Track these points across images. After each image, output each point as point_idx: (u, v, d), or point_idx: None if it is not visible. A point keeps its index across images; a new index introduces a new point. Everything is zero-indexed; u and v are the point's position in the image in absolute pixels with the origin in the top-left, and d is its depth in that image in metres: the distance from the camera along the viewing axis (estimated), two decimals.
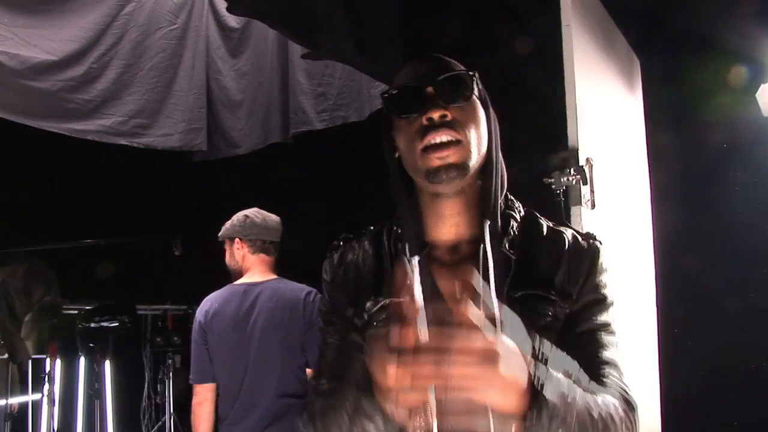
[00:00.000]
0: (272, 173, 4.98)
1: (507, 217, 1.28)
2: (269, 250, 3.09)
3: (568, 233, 1.30)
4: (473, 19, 3.56)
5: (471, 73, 1.26)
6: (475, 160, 1.22)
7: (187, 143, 4.40)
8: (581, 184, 2.22)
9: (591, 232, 1.34)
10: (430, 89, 1.21)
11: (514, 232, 1.27)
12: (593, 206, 2.28)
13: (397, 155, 1.28)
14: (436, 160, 1.19)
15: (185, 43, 4.32)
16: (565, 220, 1.98)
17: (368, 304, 1.25)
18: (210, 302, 3.06)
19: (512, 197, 1.34)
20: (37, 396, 4.50)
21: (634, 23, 3.11)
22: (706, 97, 3.25)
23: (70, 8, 3.70)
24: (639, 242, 2.97)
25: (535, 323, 1.15)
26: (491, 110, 1.30)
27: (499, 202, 1.27)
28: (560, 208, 2.22)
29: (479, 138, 1.24)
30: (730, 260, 3.19)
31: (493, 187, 1.26)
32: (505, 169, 1.31)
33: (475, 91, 1.26)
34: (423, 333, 1.05)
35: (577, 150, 2.23)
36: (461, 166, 1.20)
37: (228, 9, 3.43)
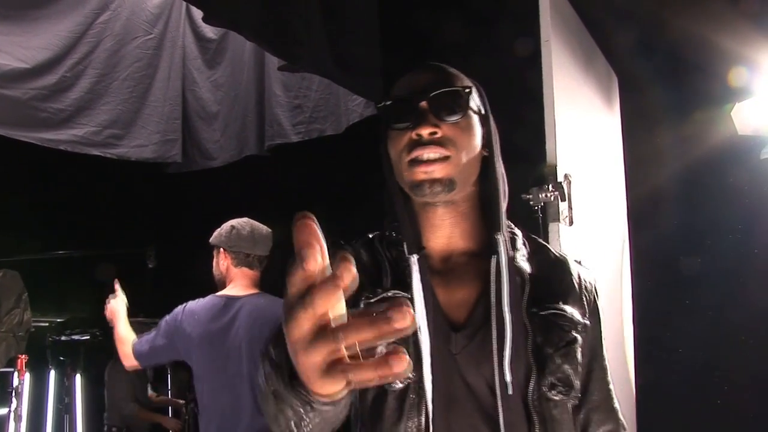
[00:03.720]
0: (248, 184, 4.95)
1: (511, 234, 1.29)
2: (253, 264, 3.01)
3: (571, 261, 1.32)
4: (451, 35, 3.56)
5: (467, 88, 1.24)
6: (464, 175, 1.22)
7: (161, 155, 4.34)
8: (559, 200, 2.21)
9: (583, 262, 1.35)
10: (423, 104, 1.20)
11: (522, 248, 1.28)
12: (571, 222, 2.27)
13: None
14: (422, 174, 1.18)
15: (161, 54, 4.27)
16: (542, 236, 2.00)
17: (367, 295, 1.20)
18: (192, 303, 2.98)
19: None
20: (3, 411, 4.40)
21: (612, 40, 3.12)
22: (683, 114, 3.28)
23: (44, 15, 3.63)
24: (616, 258, 2.97)
25: (562, 340, 1.18)
26: (491, 123, 1.29)
27: (504, 215, 1.26)
28: (538, 224, 2.21)
29: (469, 154, 1.22)
30: (705, 275, 3.22)
31: (499, 200, 1.25)
32: (506, 183, 1.30)
33: (472, 106, 1.24)
34: (421, 331, 1.13)
35: (556, 166, 2.22)
36: (446, 182, 1.19)
37: (204, 19, 3.40)
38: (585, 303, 1.26)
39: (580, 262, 1.34)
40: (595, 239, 2.63)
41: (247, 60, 4.47)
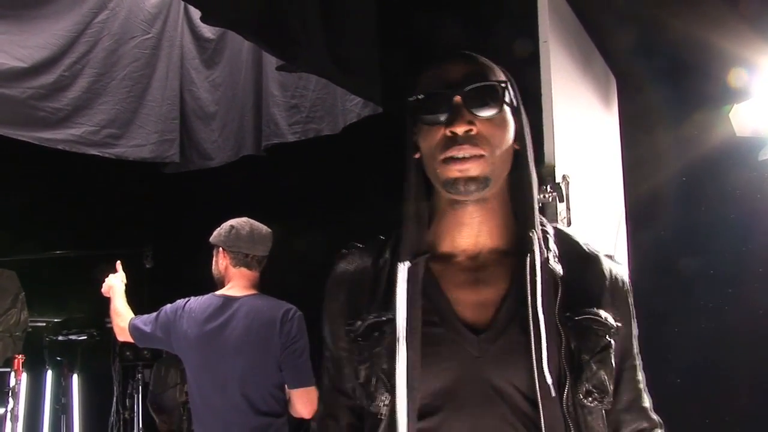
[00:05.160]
0: (245, 184, 4.94)
1: (543, 233, 1.22)
2: (252, 265, 3.00)
3: (603, 257, 1.28)
4: (450, 36, 3.56)
5: (503, 83, 1.19)
6: (497, 173, 1.17)
7: (159, 154, 4.33)
8: (557, 201, 2.21)
9: (615, 257, 1.32)
10: (457, 99, 1.14)
11: (554, 248, 1.22)
12: (569, 223, 2.27)
13: (417, 156, 1.22)
14: (456, 171, 1.13)
15: (159, 53, 4.26)
16: None
17: (358, 323, 1.21)
18: (193, 301, 3.00)
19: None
20: None
21: (611, 41, 3.12)
22: (681, 115, 3.28)
23: (42, 15, 3.62)
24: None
25: (598, 345, 1.16)
26: (524, 117, 1.24)
27: (537, 211, 1.21)
28: None
29: (504, 149, 1.18)
30: (703, 276, 3.21)
31: (531, 196, 1.21)
32: (536, 179, 1.25)
33: (507, 100, 1.19)
34: (402, 345, 1.11)
35: (554, 167, 2.22)
36: (481, 180, 1.14)
37: (202, 19, 3.39)
38: (618, 302, 1.24)
39: (612, 257, 1.31)
40: (593, 240, 2.63)
41: (245, 60, 4.46)
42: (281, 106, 4.39)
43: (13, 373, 4.36)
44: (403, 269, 1.16)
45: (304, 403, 2.84)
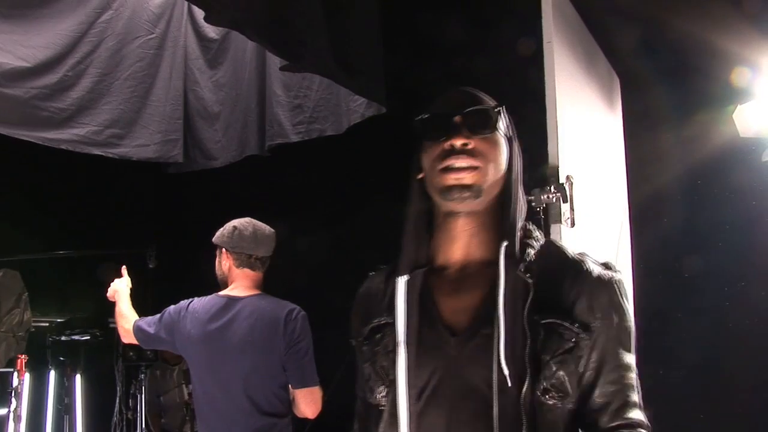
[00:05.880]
0: (249, 184, 4.94)
1: (523, 245, 1.36)
2: (255, 266, 3.00)
3: (589, 262, 1.35)
4: (454, 36, 3.56)
5: (497, 109, 1.37)
6: (489, 185, 1.33)
7: (163, 154, 4.33)
8: (561, 201, 2.21)
9: (610, 263, 1.38)
10: (457, 118, 1.33)
11: (531, 258, 1.34)
12: (573, 224, 2.27)
13: (420, 177, 1.39)
14: (453, 179, 1.30)
15: (163, 53, 4.26)
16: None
17: (365, 328, 1.42)
18: (197, 301, 3.00)
19: (532, 227, 1.42)
20: (2, 411, 4.39)
21: (614, 41, 3.12)
22: (685, 116, 3.28)
23: (46, 14, 3.62)
24: (618, 259, 2.96)
25: (559, 346, 1.25)
26: (516, 145, 1.41)
27: (518, 229, 1.36)
28: (540, 225, 2.20)
29: (496, 167, 1.35)
30: (707, 277, 3.21)
31: (511, 214, 1.35)
32: (524, 202, 1.42)
33: (500, 126, 1.38)
34: (402, 347, 1.30)
35: (558, 167, 2.22)
36: (474, 188, 1.30)
37: (206, 19, 3.39)
38: (598, 306, 1.30)
39: (606, 264, 1.38)
40: (597, 241, 2.63)
41: (249, 60, 4.46)
42: (285, 106, 4.38)
43: (16, 373, 4.36)
44: (401, 282, 1.35)
45: (307, 403, 2.85)
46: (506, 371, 1.21)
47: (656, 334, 3.12)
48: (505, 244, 1.31)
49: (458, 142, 1.31)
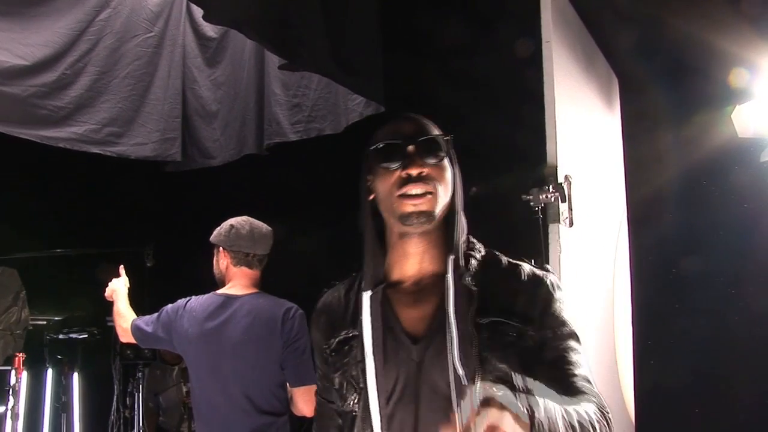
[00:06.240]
0: (247, 183, 4.93)
1: (467, 256, 1.49)
2: (252, 264, 3.00)
3: (525, 267, 1.50)
4: (452, 35, 3.55)
5: (446, 137, 1.49)
6: (440, 208, 1.45)
7: (161, 153, 4.33)
8: (559, 201, 2.21)
9: (546, 266, 1.53)
10: (411, 148, 1.44)
11: (474, 268, 1.47)
12: (571, 224, 2.27)
13: (371, 198, 1.51)
14: (410, 206, 1.42)
15: (161, 52, 4.26)
16: (542, 237, 2.05)
17: (331, 341, 1.54)
18: (194, 300, 3.00)
19: (474, 240, 1.55)
20: (0, 409, 4.38)
21: (613, 41, 3.12)
22: (683, 116, 3.28)
23: (44, 13, 3.62)
24: (616, 259, 2.96)
25: (500, 342, 1.38)
26: (456, 168, 1.53)
27: (461, 243, 1.49)
28: (538, 225, 2.20)
29: (446, 191, 1.47)
30: (705, 278, 3.21)
31: (456, 231, 1.48)
32: (464, 218, 1.53)
33: (448, 151, 1.49)
34: (369, 356, 1.42)
35: (556, 167, 2.22)
36: (430, 214, 1.43)
37: (204, 17, 3.39)
38: (534, 301, 1.44)
39: (543, 267, 1.52)
40: (595, 241, 2.63)
41: (247, 59, 4.46)
42: (283, 105, 4.38)
43: (13, 371, 4.35)
44: (366, 297, 1.47)
45: (305, 401, 2.84)
46: (460, 371, 1.33)
47: (653, 335, 3.12)
48: (452, 258, 1.43)
49: (414, 172, 1.42)
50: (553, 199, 2.20)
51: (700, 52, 3.13)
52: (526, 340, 1.39)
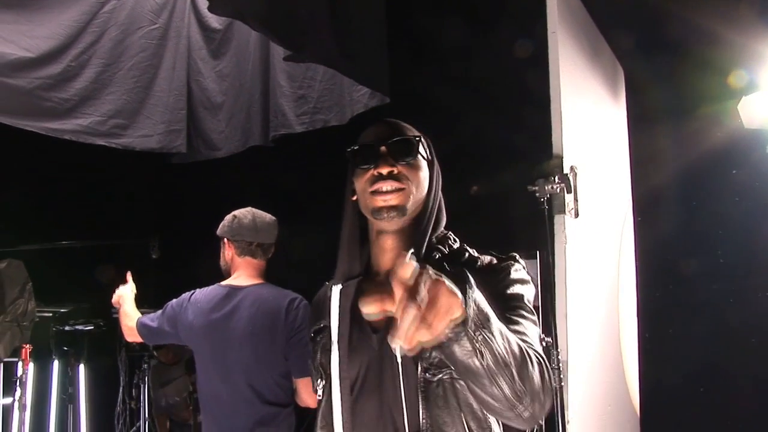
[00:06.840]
0: (252, 174, 4.94)
1: (433, 249, 1.59)
2: (257, 253, 3.00)
3: (485, 258, 1.59)
4: (459, 28, 3.54)
5: (417, 138, 1.61)
6: (412, 205, 1.57)
7: (166, 145, 4.32)
8: (565, 192, 2.20)
9: (512, 254, 1.60)
10: (383, 148, 1.57)
11: (434, 261, 1.56)
12: (577, 215, 2.26)
13: (354, 199, 1.62)
14: (380, 201, 1.54)
15: (166, 44, 4.25)
16: (548, 228, 2.07)
17: (311, 330, 1.68)
18: (199, 292, 3.01)
19: (451, 235, 1.65)
20: (7, 401, 4.41)
21: (618, 32, 3.11)
22: (689, 107, 3.27)
23: (48, 5, 3.61)
24: (621, 251, 2.96)
25: None
26: (435, 167, 1.65)
27: (430, 237, 1.59)
28: (544, 216, 2.20)
29: (419, 188, 1.58)
30: (712, 268, 3.20)
31: (423, 227, 1.58)
32: (444, 214, 1.65)
33: (421, 152, 1.61)
34: (335, 346, 1.54)
35: (562, 158, 2.21)
36: (400, 208, 1.54)
37: (209, 8, 3.38)
38: (487, 287, 1.41)
39: (513, 257, 1.58)
40: (600, 232, 2.62)
41: (252, 50, 4.44)
42: (288, 96, 4.37)
43: (20, 363, 4.37)
44: (335, 290, 1.60)
45: (309, 392, 2.84)
46: (399, 359, 1.44)
47: (660, 327, 3.12)
48: (411, 251, 1.43)
49: (384, 170, 1.54)
50: (558, 190, 2.20)
51: (707, 44, 3.13)
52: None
